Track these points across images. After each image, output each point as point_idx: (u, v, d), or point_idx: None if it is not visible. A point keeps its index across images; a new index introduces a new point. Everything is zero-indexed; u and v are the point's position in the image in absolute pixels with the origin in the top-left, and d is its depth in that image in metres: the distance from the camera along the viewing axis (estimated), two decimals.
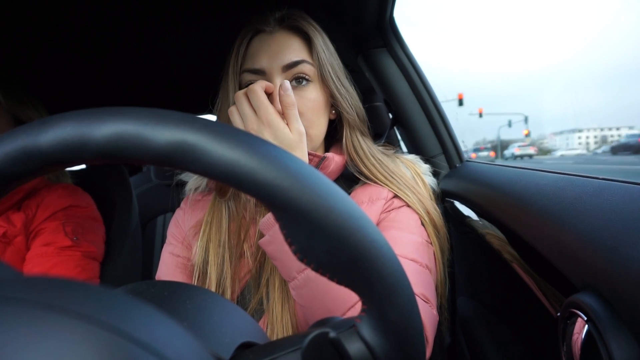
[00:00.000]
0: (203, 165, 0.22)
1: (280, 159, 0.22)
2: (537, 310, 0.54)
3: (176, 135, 0.22)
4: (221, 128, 0.23)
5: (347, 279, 0.24)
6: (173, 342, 0.20)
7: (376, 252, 0.23)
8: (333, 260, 0.23)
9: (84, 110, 0.23)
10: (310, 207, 0.22)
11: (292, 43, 0.65)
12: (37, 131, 0.23)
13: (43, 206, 0.93)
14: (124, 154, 0.22)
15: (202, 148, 0.22)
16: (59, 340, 0.17)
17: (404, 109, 1.00)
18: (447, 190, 0.89)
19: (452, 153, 0.98)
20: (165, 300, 0.30)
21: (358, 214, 0.23)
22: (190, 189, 0.75)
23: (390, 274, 0.24)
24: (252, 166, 0.22)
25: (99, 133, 0.22)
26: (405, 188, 0.69)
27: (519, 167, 0.69)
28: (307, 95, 0.64)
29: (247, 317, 0.33)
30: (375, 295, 0.24)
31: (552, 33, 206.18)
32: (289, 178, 0.22)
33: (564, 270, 0.42)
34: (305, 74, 0.64)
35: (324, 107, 0.67)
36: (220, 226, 0.67)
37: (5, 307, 0.18)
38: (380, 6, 0.86)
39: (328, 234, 0.22)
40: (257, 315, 0.63)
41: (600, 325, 0.33)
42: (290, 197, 0.22)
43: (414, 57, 0.98)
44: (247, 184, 0.22)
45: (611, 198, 0.40)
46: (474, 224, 0.74)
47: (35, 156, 0.23)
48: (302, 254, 0.24)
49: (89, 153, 0.22)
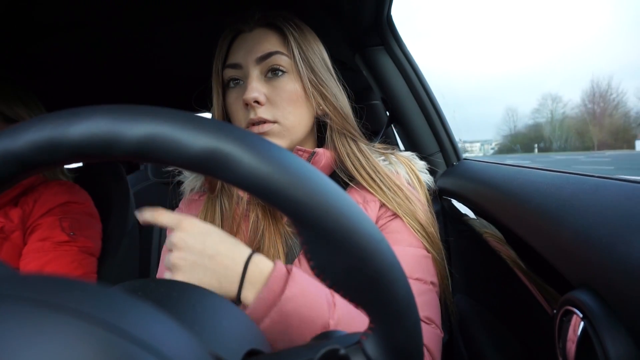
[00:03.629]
0: (235, 176, 0.22)
1: (311, 176, 0.23)
2: (533, 307, 0.54)
3: (211, 143, 0.22)
4: (257, 140, 0.23)
5: (360, 298, 0.24)
6: (171, 340, 0.20)
7: (393, 276, 0.24)
8: (350, 279, 0.24)
9: (117, 105, 0.23)
10: (335, 227, 0.22)
11: (267, 37, 0.66)
12: (67, 122, 0.22)
13: (40, 202, 0.93)
14: (156, 156, 0.22)
15: (237, 158, 0.22)
16: (56, 338, 0.17)
17: (401, 107, 1.00)
18: (444, 189, 0.90)
19: (450, 151, 0.98)
20: (174, 300, 0.30)
21: (379, 237, 0.24)
22: (186, 189, 0.76)
23: (403, 298, 0.24)
24: (284, 182, 0.22)
25: (132, 132, 0.22)
26: (396, 196, 0.67)
27: (516, 165, 0.69)
28: (281, 85, 0.65)
29: (253, 325, 0.33)
30: (386, 317, 0.24)
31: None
32: (318, 196, 0.22)
33: (560, 267, 0.42)
34: (279, 65, 0.65)
35: (302, 100, 0.67)
36: (213, 221, 0.68)
37: (1, 305, 0.18)
38: (378, 5, 0.86)
39: (349, 254, 0.23)
40: None
41: (596, 322, 0.33)
42: (317, 216, 0.22)
43: (412, 56, 0.98)
44: (276, 199, 0.22)
45: (607, 196, 0.41)
46: (471, 222, 0.74)
47: (62, 147, 0.22)
48: (319, 269, 0.24)
49: (119, 151, 0.22)
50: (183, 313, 0.29)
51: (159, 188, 1.54)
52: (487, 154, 57.79)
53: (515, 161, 0.92)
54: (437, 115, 0.99)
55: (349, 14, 0.91)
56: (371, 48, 0.99)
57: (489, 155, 59.82)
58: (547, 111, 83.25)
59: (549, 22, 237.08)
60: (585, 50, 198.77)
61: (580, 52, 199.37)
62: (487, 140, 66.81)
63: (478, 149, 54.61)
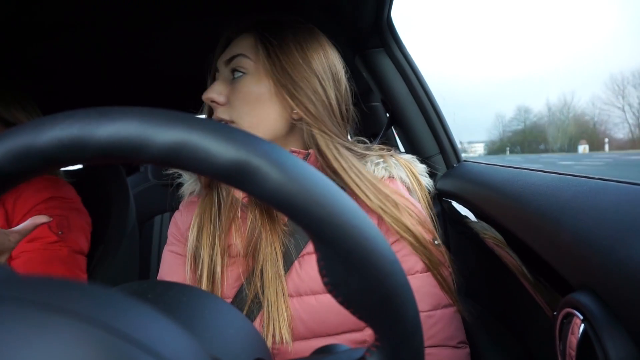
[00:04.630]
0: (262, 190, 0.22)
1: (334, 195, 0.23)
2: (533, 309, 0.54)
3: (241, 155, 0.22)
4: (284, 155, 0.23)
5: (370, 317, 0.25)
6: (171, 343, 0.20)
7: (404, 296, 0.24)
8: (363, 298, 0.24)
9: (148, 108, 0.23)
10: (354, 247, 0.23)
11: (241, 42, 0.69)
12: (96, 121, 0.22)
13: (22, 200, 0.90)
14: (184, 163, 0.22)
15: (264, 173, 0.22)
16: (56, 340, 0.17)
17: (401, 109, 1.00)
18: (444, 191, 0.90)
19: (450, 153, 0.98)
20: (183, 306, 0.30)
21: (393, 257, 0.24)
22: (186, 192, 0.77)
23: (412, 318, 0.25)
24: (308, 199, 0.22)
25: (161, 138, 0.22)
26: (386, 208, 0.64)
27: (516, 167, 0.69)
28: (239, 87, 0.67)
29: (258, 334, 0.33)
30: (394, 336, 0.25)
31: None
32: (340, 216, 0.22)
33: (560, 269, 0.42)
34: (240, 67, 0.68)
35: (266, 101, 0.67)
36: (210, 220, 0.69)
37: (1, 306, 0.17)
38: (378, 7, 0.87)
39: (366, 274, 0.23)
40: (256, 308, 0.64)
41: (597, 324, 0.33)
42: (337, 235, 0.22)
43: (412, 58, 0.99)
44: (299, 216, 0.22)
45: (608, 198, 0.41)
46: (471, 224, 0.74)
47: (89, 146, 0.22)
48: (333, 286, 0.24)
49: (147, 155, 0.22)
50: (193, 318, 0.29)
51: (158, 190, 1.54)
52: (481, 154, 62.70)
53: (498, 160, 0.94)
54: (437, 117, 0.99)
55: (349, 15, 0.91)
56: (371, 50, 0.99)
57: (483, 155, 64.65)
58: (521, 120, 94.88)
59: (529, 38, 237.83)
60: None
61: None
62: (486, 142, 71.30)
63: (482, 149, 58.16)
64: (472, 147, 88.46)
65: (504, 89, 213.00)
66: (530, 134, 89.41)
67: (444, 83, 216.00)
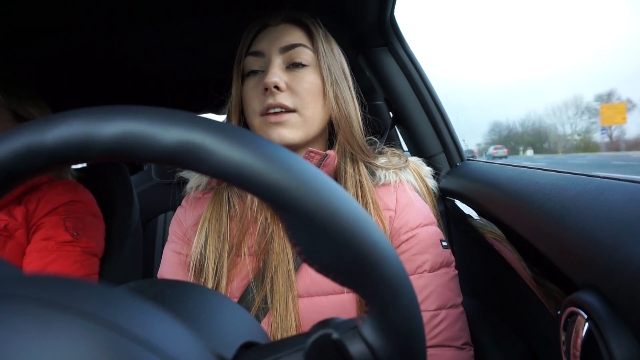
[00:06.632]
0: (209, 166, 0.22)
1: (284, 158, 0.22)
2: (537, 308, 0.54)
3: (182, 135, 0.22)
4: (227, 128, 0.23)
5: (350, 280, 0.24)
6: (174, 340, 0.20)
7: (379, 254, 0.23)
8: (337, 262, 0.23)
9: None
10: (316, 210, 0.22)
11: (293, 31, 0.68)
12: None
13: (44, 201, 0.93)
14: (130, 153, 0.22)
15: (208, 148, 0.22)
16: (61, 337, 0.17)
17: (404, 107, 1.00)
18: (447, 189, 0.89)
19: (453, 152, 0.98)
20: (167, 298, 0.30)
21: (362, 216, 0.23)
22: (191, 187, 0.76)
23: (393, 276, 0.24)
24: (257, 167, 0.22)
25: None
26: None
27: (520, 166, 0.68)
28: (303, 76, 0.66)
29: (248, 316, 0.33)
30: (378, 297, 0.24)
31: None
32: (293, 178, 0.22)
33: (564, 268, 0.42)
34: (302, 58, 0.66)
35: (321, 95, 0.67)
36: (220, 220, 0.68)
37: (6, 304, 0.18)
38: (381, 5, 0.86)
39: (332, 236, 0.22)
40: (262, 313, 0.63)
41: (601, 323, 0.33)
42: (295, 199, 0.22)
43: (415, 57, 0.98)
44: (252, 185, 0.22)
45: (612, 197, 0.40)
46: (474, 223, 0.74)
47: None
48: (306, 255, 0.24)
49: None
50: (176, 310, 0.28)
51: (162, 188, 1.55)
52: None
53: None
54: (441, 116, 0.98)
55: (352, 14, 0.91)
56: (374, 49, 0.98)
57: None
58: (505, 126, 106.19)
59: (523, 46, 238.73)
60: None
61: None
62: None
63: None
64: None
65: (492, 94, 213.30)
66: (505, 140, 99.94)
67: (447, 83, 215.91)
